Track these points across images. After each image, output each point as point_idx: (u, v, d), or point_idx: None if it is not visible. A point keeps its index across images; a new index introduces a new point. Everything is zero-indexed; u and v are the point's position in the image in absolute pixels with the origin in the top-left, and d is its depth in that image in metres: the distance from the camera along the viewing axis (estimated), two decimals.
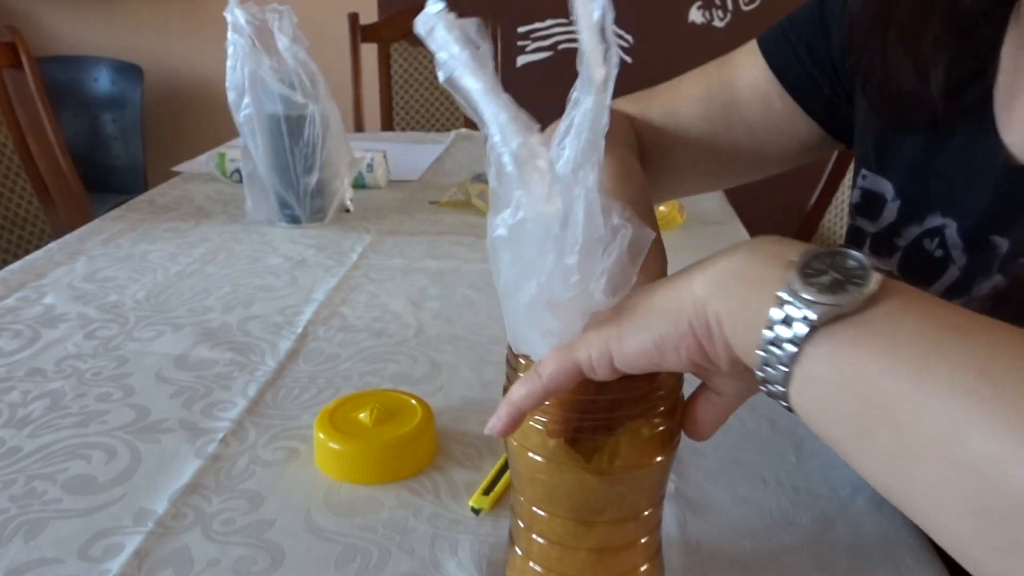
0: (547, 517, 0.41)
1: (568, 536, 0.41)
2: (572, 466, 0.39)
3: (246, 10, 0.98)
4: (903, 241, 0.57)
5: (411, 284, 0.90)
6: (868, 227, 0.60)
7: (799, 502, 0.54)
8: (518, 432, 0.39)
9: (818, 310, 0.28)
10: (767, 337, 0.30)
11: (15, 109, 1.33)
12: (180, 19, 2.71)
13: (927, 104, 0.52)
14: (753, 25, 2.65)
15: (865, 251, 0.53)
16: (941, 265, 0.54)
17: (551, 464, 0.39)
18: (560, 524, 0.41)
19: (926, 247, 0.55)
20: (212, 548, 0.49)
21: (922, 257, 0.56)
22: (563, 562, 0.41)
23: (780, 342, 0.30)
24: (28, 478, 0.55)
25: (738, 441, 0.61)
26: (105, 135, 2.61)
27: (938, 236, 0.54)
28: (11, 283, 0.87)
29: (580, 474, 0.39)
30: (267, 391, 0.67)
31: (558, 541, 0.41)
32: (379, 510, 0.53)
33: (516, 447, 0.40)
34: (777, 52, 0.65)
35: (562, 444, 0.39)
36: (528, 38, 2.70)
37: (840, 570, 0.48)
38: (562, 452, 0.39)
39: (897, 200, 0.58)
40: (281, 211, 1.08)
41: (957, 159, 0.54)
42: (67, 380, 0.68)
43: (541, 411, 0.39)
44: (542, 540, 0.42)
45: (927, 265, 0.55)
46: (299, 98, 1.02)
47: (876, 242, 0.59)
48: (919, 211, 0.56)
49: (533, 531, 0.42)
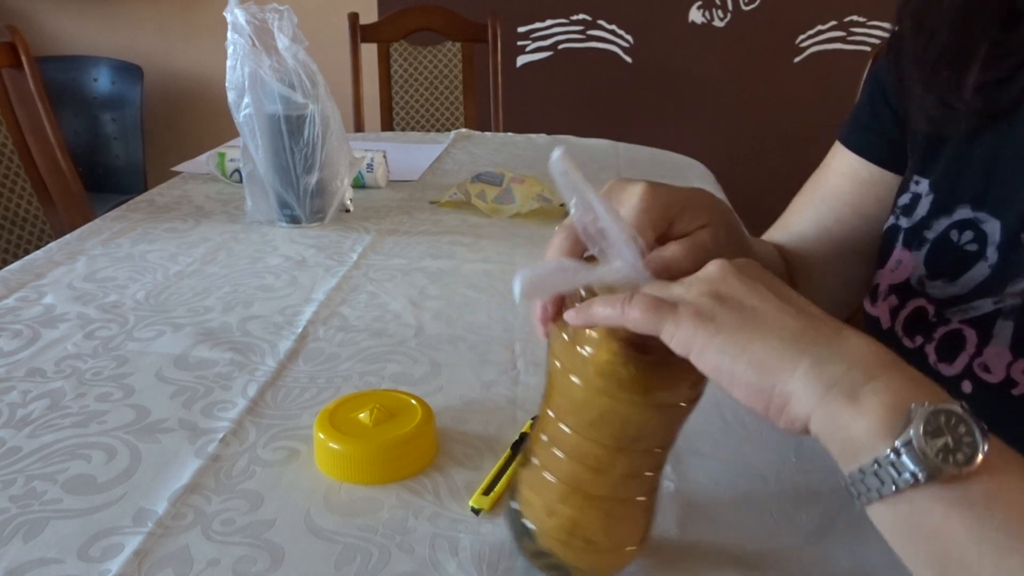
0: (579, 440, 0.42)
1: (601, 460, 0.42)
2: (615, 392, 0.40)
3: (246, 10, 0.98)
4: (932, 234, 0.58)
5: (411, 284, 0.90)
6: (904, 223, 0.61)
7: (799, 502, 0.54)
8: (566, 356, 0.42)
9: (930, 469, 0.31)
10: (869, 467, 0.32)
11: (15, 109, 1.33)
12: (180, 19, 2.71)
13: (961, 110, 0.55)
14: (753, 25, 2.65)
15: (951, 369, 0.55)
16: (971, 259, 0.54)
17: (592, 390, 0.41)
18: (592, 447, 0.42)
19: (953, 239, 0.56)
20: (212, 548, 0.49)
21: (949, 249, 0.56)
22: (595, 483, 0.43)
23: (882, 476, 0.32)
24: (28, 478, 0.55)
25: (738, 441, 0.61)
26: (105, 135, 2.61)
27: (971, 229, 0.55)
28: (11, 283, 0.87)
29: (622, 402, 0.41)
30: (267, 391, 0.67)
31: (591, 464, 0.43)
32: (379, 510, 0.53)
33: (558, 369, 0.43)
34: (850, 132, 0.70)
35: (607, 373, 0.40)
36: (528, 38, 2.70)
37: (840, 570, 0.48)
38: (605, 380, 0.40)
39: (931, 194, 0.59)
40: (281, 211, 1.08)
41: (991, 155, 0.55)
42: (67, 380, 0.68)
43: (591, 341, 0.41)
44: (563, 455, 0.43)
45: (955, 258, 0.55)
46: (299, 98, 1.02)
47: (908, 236, 0.60)
48: (948, 203, 0.57)
49: (555, 447, 0.44)
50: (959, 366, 0.54)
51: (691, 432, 0.62)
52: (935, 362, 0.56)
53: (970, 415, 0.31)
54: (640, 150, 1.61)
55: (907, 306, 0.59)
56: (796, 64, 2.70)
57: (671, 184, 0.47)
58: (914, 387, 0.33)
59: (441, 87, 2.23)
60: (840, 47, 2.67)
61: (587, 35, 2.69)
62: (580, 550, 0.44)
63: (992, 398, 0.51)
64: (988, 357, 0.52)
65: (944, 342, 0.55)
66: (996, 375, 0.51)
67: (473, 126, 2.09)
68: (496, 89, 2.16)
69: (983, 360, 0.52)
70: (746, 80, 2.72)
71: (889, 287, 0.61)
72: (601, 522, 0.44)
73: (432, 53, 2.21)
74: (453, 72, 2.22)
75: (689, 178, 1.40)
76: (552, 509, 0.44)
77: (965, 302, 0.54)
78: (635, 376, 0.40)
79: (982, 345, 0.52)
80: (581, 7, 2.67)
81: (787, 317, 0.35)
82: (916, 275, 0.59)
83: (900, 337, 0.59)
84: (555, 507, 0.44)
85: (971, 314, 0.53)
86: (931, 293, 0.57)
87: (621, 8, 2.66)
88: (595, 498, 0.43)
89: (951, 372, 0.54)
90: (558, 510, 0.44)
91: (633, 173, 1.42)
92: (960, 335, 0.54)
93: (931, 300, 0.57)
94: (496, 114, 2.17)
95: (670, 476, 0.56)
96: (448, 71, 2.22)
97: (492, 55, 2.14)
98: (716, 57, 2.68)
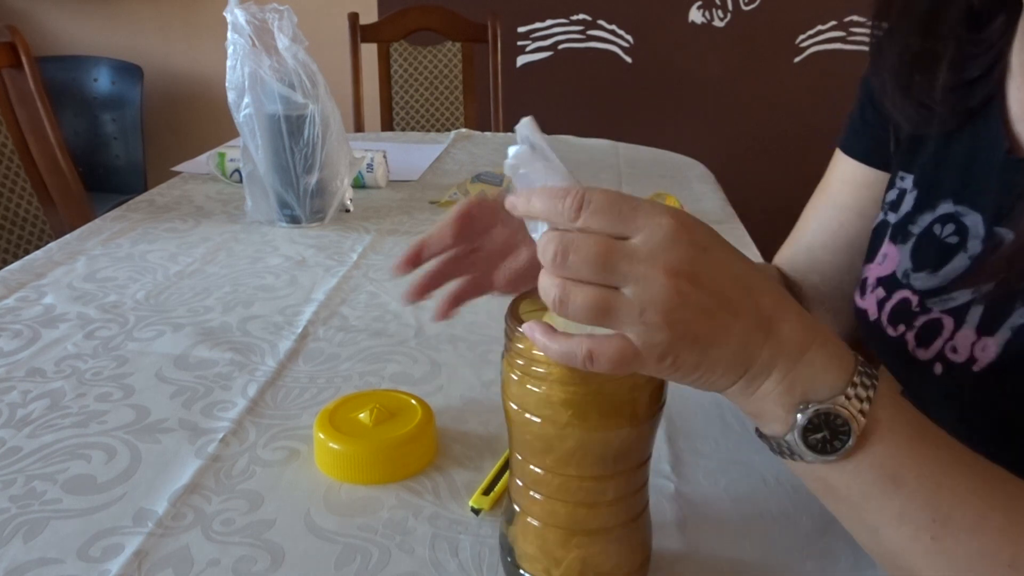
0: (547, 475, 0.42)
1: (591, 493, 0.42)
2: (580, 426, 0.40)
3: (246, 10, 0.98)
4: (916, 228, 0.60)
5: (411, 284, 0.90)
6: (892, 219, 0.63)
7: (799, 502, 0.54)
8: (519, 399, 0.41)
9: (813, 455, 0.39)
10: (773, 443, 0.40)
11: (15, 109, 1.33)
12: (180, 19, 2.71)
13: (936, 110, 0.57)
14: (753, 25, 2.65)
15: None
16: (952, 252, 0.56)
17: (553, 425, 0.40)
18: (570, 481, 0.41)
19: (936, 232, 0.58)
20: (212, 548, 0.49)
21: (932, 243, 0.58)
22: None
23: (783, 452, 0.40)
24: (28, 478, 0.55)
25: (738, 441, 0.61)
26: (105, 135, 2.61)
27: (952, 223, 0.57)
28: (11, 283, 0.87)
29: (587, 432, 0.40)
30: (267, 391, 0.67)
31: (581, 499, 0.42)
32: (379, 510, 0.53)
33: (516, 411, 0.41)
34: (846, 138, 0.71)
35: (567, 408, 0.40)
36: (528, 38, 2.70)
37: (840, 570, 0.48)
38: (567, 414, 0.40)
39: (915, 190, 0.61)
40: (281, 211, 1.08)
41: (969, 151, 0.57)
42: (67, 380, 0.68)
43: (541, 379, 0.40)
44: (547, 498, 0.42)
45: (936, 251, 0.57)
46: (299, 98, 1.02)
47: (895, 231, 0.62)
48: (931, 199, 0.59)
49: (531, 490, 0.43)
50: (933, 351, 0.56)
51: (691, 432, 0.62)
52: (913, 348, 0.57)
53: (844, 409, 0.38)
54: (640, 150, 1.61)
55: (892, 297, 0.61)
56: (796, 64, 2.70)
57: None
58: (815, 379, 0.38)
59: (441, 87, 2.23)
60: (840, 47, 2.67)
61: (587, 35, 2.69)
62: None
63: (958, 376, 0.54)
64: (958, 340, 0.54)
65: (923, 330, 0.57)
66: (962, 355, 0.53)
67: (473, 126, 2.09)
68: (496, 89, 2.16)
69: (953, 343, 0.54)
70: (746, 80, 2.71)
71: (876, 280, 0.63)
72: (608, 553, 0.43)
73: (432, 53, 2.21)
74: (453, 72, 2.22)
75: (689, 178, 1.40)
76: (556, 557, 0.43)
77: (945, 292, 0.56)
78: (599, 395, 0.39)
79: (956, 331, 0.54)
80: (581, 7, 2.67)
81: (730, 333, 0.37)
82: (902, 268, 0.60)
83: (884, 327, 0.61)
84: (558, 554, 0.42)
85: (950, 304, 0.55)
86: (915, 285, 0.59)
87: (621, 8, 2.66)
88: (596, 531, 0.42)
89: (926, 356, 0.56)
90: (562, 556, 0.42)
91: (633, 173, 1.42)
92: (939, 323, 0.56)
93: (915, 291, 0.59)
94: (496, 114, 2.17)
95: (670, 476, 0.56)
96: (448, 71, 2.22)
97: (492, 55, 2.14)
98: (716, 57, 2.68)
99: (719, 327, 0.36)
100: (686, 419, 0.64)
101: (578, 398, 0.39)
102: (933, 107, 0.58)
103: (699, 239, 0.37)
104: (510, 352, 0.41)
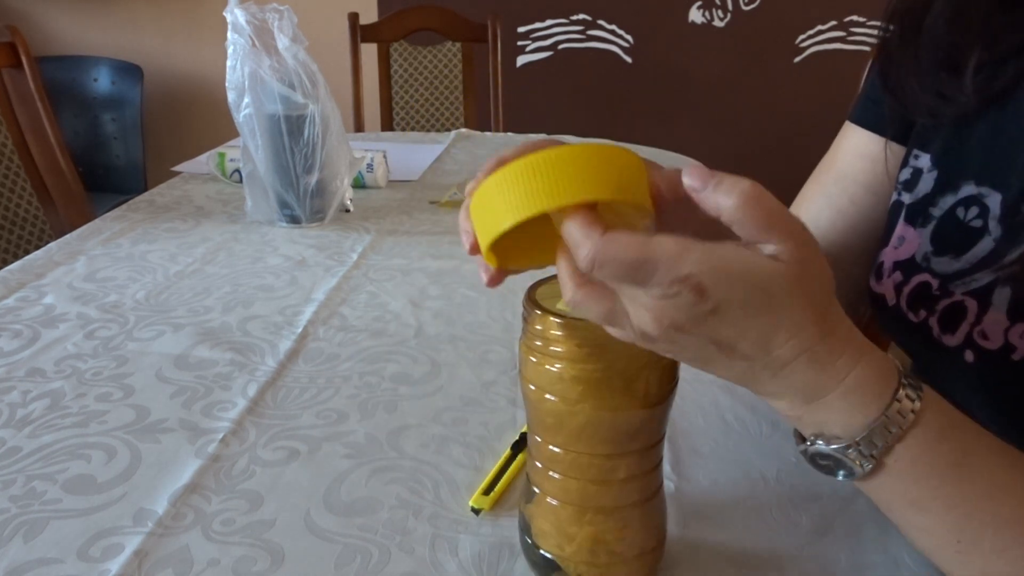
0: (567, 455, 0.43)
1: (603, 470, 0.42)
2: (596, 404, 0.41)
3: (246, 10, 0.98)
4: (937, 211, 0.58)
5: (411, 284, 0.90)
6: (907, 199, 0.61)
7: (799, 502, 0.54)
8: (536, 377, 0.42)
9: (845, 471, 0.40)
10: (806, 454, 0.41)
11: (15, 109, 1.33)
12: (180, 19, 2.71)
13: (960, 99, 0.55)
14: (753, 25, 2.65)
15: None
16: (976, 235, 0.54)
17: (565, 401, 0.41)
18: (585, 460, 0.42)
19: (959, 216, 0.56)
20: (212, 548, 0.49)
21: (956, 226, 0.56)
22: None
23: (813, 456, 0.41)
24: (28, 478, 0.55)
25: (738, 441, 0.61)
26: (105, 135, 2.61)
27: (975, 205, 0.55)
28: (11, 283, 0.87)
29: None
30: (267, 391, 0.67)
31: (593, 477, 0.43)
32: (379, 510, 0.53)
33: (533, 391, 0.42)
34: (859, 109, 0.69)
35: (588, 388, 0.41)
36: (528, 38, 2.70)
37: (840, 570, 0.48)
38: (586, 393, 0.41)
39: (934, 170, 0.59)
40: (281, 211, 1.08)
41: (992, 131, 0.55)
42: (67, 380, 0.68)
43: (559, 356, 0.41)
44: (563, 476, 0.43)
45: (961, 234, 0.56)
46: (299, 98, 1.02)
47: (911, 213, 0.60)
48: (953, 180, 0.57)
49: (548, 469, 0.44)
50: (960, 336, 0.54)
51: (691, 432, 0.62)
52: (938, 334, 0.56)
53: (851, 460, 0.38)
54: (640, 150, 1.61)
55: (911, 281, 0.59)
56: (796, 64, 2.70)
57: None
58: (829, 422, 0.39)
59: (441, 87, 2.23)
60: (840, 47, 2.68)
61: (587, 35, 2.69)
62: (607, 565, 0.44)
63: (994, 365, 0.52)
64: (986, 324, 0.52)
65: (946, 314, 0.55)
66: (995, 341, 0.52)
67: (473, 126, 2.09)
68: (496, 89, 2.16)
69: (982, 328, 0.53)
70: (746, 80, 2.72)
71: (894, 264, 0.61)
72: (620, 531, 0.43)
73: (432, 53, 2.21)
74: (453, 72, 2.22)
75: None
76: (569, 534, 0.44)
77: (968, 275, 0.54)
78: (610, 374, 0.40)
79: (981, 314, 0.53)
80: (581, 7, 2.67)
81: (730, 368, 0.38)
82: (921, 252, 0.59)
83: (905, 312, 0.59)
84: (571, 530, 0.44)
85: (972, 286, 0.54)
86: (935, 268, 0.57)
87: (621, 8, 2.66)
88: (607, 509, 0.43)
89: (953, 343, 0.55)
90: (575, 533, 0.43)
91: None
92: (962, 306, 0.54)
93: (935, 275, 0.57)
94: (496, 114, 2.17)
95: (670, 476, 0.56)
96: (448, 71, 2.22)
97: (492, 55, 2.14)
98: (716, 57, 2.69)
99: (717, 364, 0.38)
100: (686, 419, 0.64)
101: (588, 374, 0.40)
102: (959, 97, 0.56)
103: (716, 303, 0.35)
104: (527, 335, 0.43)
